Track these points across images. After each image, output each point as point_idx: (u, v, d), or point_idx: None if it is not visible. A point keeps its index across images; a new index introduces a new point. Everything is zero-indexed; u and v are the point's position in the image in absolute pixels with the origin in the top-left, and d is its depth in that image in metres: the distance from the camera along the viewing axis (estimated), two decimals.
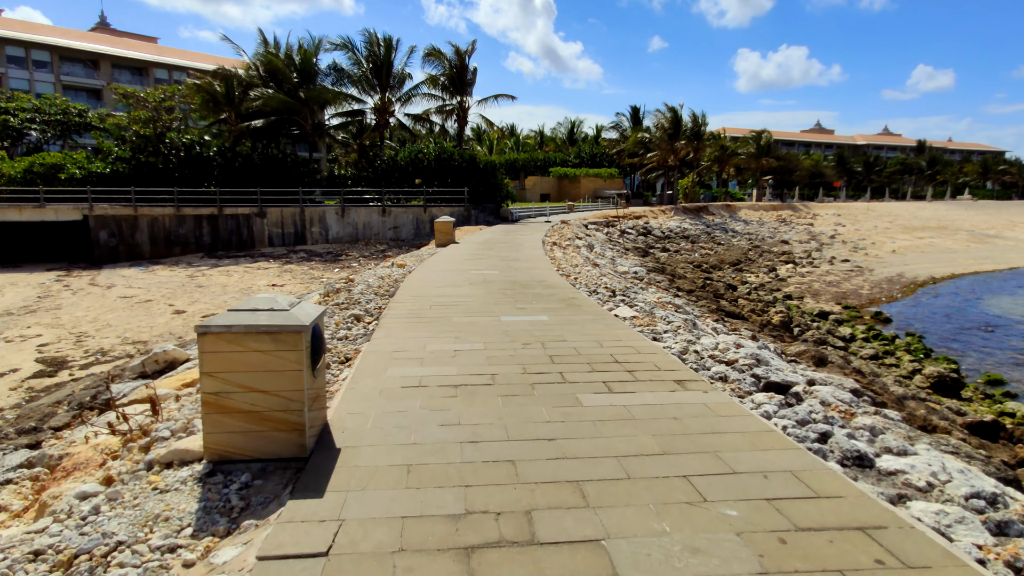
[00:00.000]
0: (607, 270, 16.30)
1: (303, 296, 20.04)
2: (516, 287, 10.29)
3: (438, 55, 34.25)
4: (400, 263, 13.08)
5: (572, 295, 9.53)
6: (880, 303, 25.61)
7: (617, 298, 9.79)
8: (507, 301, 8.90)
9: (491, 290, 9.95)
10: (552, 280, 11.26)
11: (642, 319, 7.96)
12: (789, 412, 4.50)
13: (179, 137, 30.73)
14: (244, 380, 3.52)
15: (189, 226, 30.01)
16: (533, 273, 12.17)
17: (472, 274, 11.91)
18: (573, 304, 8.71)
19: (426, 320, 7.54)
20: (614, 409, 4.38)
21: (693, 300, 17.13)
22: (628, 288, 11.86)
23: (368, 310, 8.36)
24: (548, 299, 9.12)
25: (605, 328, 7.14)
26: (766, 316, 18.75)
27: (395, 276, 11.62)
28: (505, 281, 10.97)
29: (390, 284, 10.68)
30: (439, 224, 18.81)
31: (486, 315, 7.90)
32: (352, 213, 30.92)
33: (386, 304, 8.76)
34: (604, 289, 10.62)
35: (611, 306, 8.87)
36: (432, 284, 10.63)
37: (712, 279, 26.63)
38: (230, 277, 24.77)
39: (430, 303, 8.74)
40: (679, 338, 7.05)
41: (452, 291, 9.83)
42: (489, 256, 15.44)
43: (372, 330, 7.10)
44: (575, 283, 11.21)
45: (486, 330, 6.97)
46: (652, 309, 9.12)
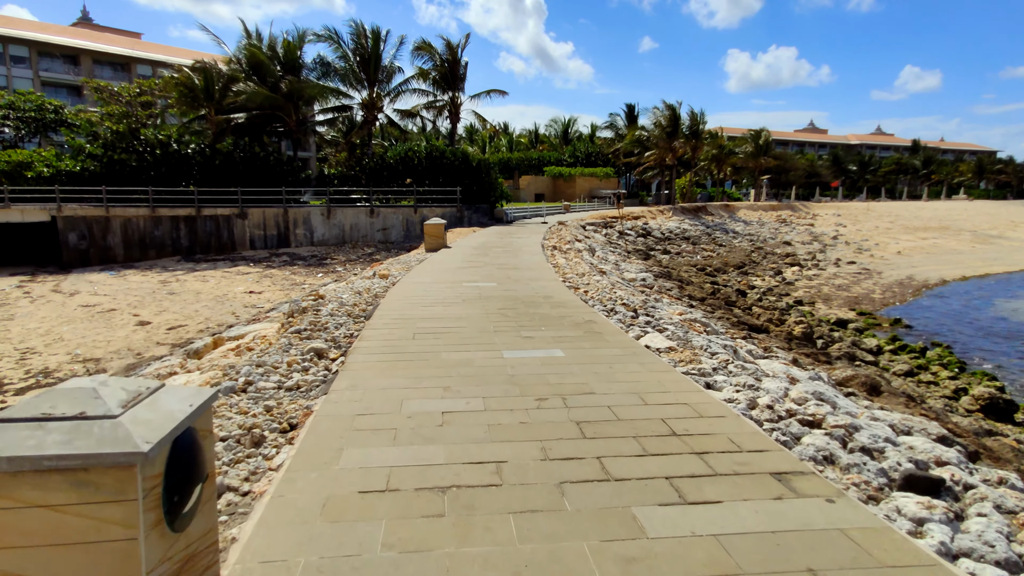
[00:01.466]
0: (614, 278, 14.58)
1: (277, 305, 18.22)
2: (518, 305, 8.53)
3: (429, 49, 32.37)
4: (383, 272, 11.30)
5: (587, 316, 7.80)
6: (894, 307, 24.15)
7: (640, 319, 8.06)
8: (509, 326, 7.14)
9: (489, 309, 8.19)
10: (559, 294, 9.51)
11: (681, 352, 6.23)
12: (969, 541, 2.80)
13: (155, 133, 28.73)
14: (13, 566, 1.75)
15: (165, 228, 28.03)
16: (536, 285, 10.41)
17: (466, 287, 10.14)
18: (591, 330, 6.97)
19: (407, 358, 5.76)
20: (701, 547, 2.64)
21: (709, 311, 15.46)
22: (646, 302, 10.14)
23: (335, 340, 6.58)
24: (559, 322, 7.37)
25: (640, 369, 5.41)
26: (785, 326, 17.12)
27: (375, 290, 9.82)
28: (505, 297, 9.21)
29: (368, 301, 8.90)
30: (429, 227, 17.02)
31: (484, 348, 6.13)
32: (339, 214, 29.04)
33: (360, 330, 6.99)
34: (622, 306, 8.88)
35: (637, 332, 7.14)
36: (418, 301, 8.86)
37: (718, 283, 25.09)
38: (206, 283, 22.86)
39: (414, 329, 6.97)
40: (736, 381, 5.33)
41: (442, 311, 8.06)
42: (484, 263, 13.68)
43: (335, 373, 5.33)
44: (586, 297, 9.47)
45: (485, 374, 5.21)
46: (686, 334, 7.39)
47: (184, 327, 16.58)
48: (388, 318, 7.62)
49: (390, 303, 8.68)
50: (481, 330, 6.94)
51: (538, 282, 10.80)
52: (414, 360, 5.67)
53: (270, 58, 30.80)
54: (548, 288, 10.15)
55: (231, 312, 18.28)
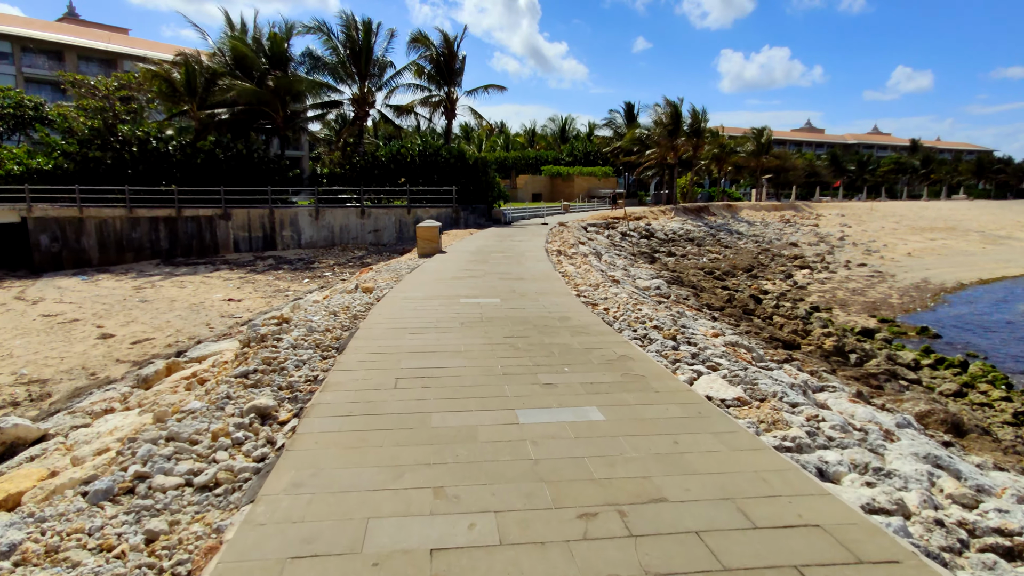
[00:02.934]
0: (629, 287, 12.91)
1: (254, 318, 16.46)
2: (530, 330, 6.84)
3: (424, 41, 30.56)
4: (367, 285, 9.57)
5: (617, 346, 6.11)
6: (915, 313, 22.64)
7: (682, 348, 6.38)
8: (522, 365, 5.45)
9: (493, 337, 6.48)
10: (577, 314, 7.82)
11: (756, 407, 4.57)
12: None
13: (132, 129, 26.84)
14: None
15: (143, 229, 26.18)
16: (547, 302, 8.72)
17: (464, 305, 8.43)
18: (630, 371, 5.28)
19: (383, 423, 4.06)
20: None
21: (734, 323, 13.81)
22: (675, 320, 8.47)
23: (292, 387, 4.88)
24: (585, 358, 5.68)
25: (718, 444, 3.73)
26: (812, 338, 15.51)
27: (355, 309, 8.10)
28: (512, 318, 7.51)
29: (344, 324, 7.19)
30: (422, 230, 15.29)
31: (491, 403, 4.44)
32: (327, 215, 27.24)
33: (327, 371, 5.29)
34: (654, 329, 7.21)
35: (688, 372, 5.45)
36: (406, 325, 7.14)
37: (729, 287, 23.52)
38: (182, 289, 21.05)
39: (397, 370, 5.26)
40: (851, 458, 3.68)
41: (435, 341, 6.35)
42: (484, 272, 11.97)
43: (279, 450, 3.63)
44: (608, 317, 7.80)
45: (496, 458, 3.51)
46: (745, 372, 5.72)
47: (150, 341, 14.80)
48: (366, 351, 5.91)
49: (371, 328, 6.96)
50: (486, 371, 5.24)
51: (548, 297, 9.10)
52: (393, 428, 3.96)
53: (256, 51, 28.92)
54: (562, 305, 8.45)
55: (205, 323, 16.50)
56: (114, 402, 8.23)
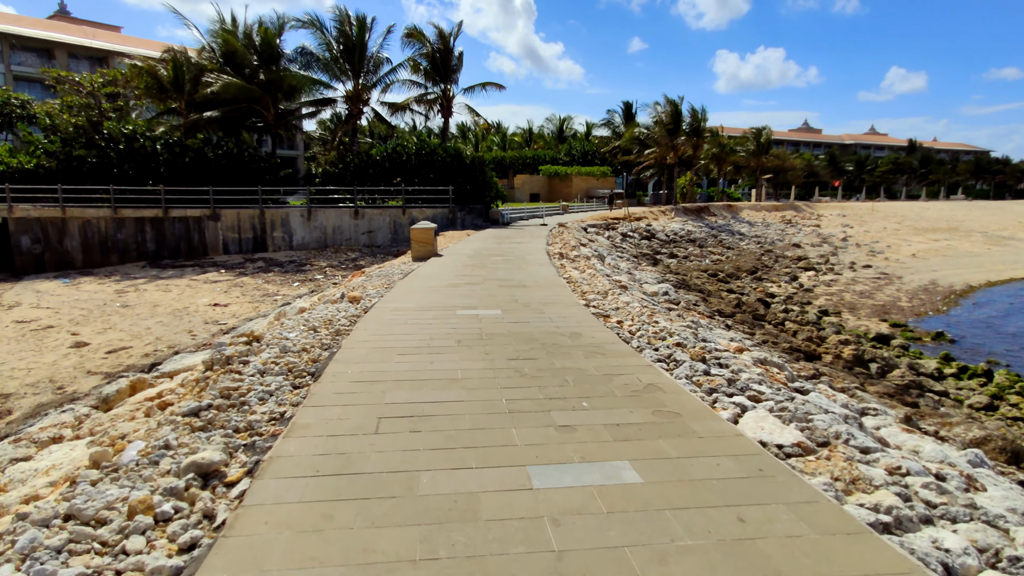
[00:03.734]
0: (638, 294, 11.98)
1: (239, 325, 15.46)
2: (538, 350, 5.90)
3: (419, 37, 29.56)
4: (354, 294, 8.62)
5: (641, 371, 5.18)
6: (927, 317, 21.82)
7: (714, 372, 5.46)
8: (531, 399, 4.51)
9: (496, 360, 5.54)
10: (589, 328, 6.88)
11: (825, 458, 3.65)
12: None
13: (118, 127, 25.78)
14: None
15: (129, 230, 25.13)
16: (554, 313, 7.78)
17: (461, 318, 7.49)
18: (661, 406, 4.35)
19: (358, 489, 3.11)
20: None
21: (748, 332, 12.91)
22: (696, 332, 7.55)
23: (251, 429, 3.94)
24: (606, 388, 4.75)
25: (794, 521, 2.80)
26: (827, 345, 14.62)
27: (339, 322, 7.15)
28: (516, 335, 6.57)
29: (325, 343, 6.23)
30: (417, 232, 14.32)
31: (495, 459, 3.50)
32: (320, 216, 26.24)
33: (297, 405, 4.34)
34: (676, 347, 6.28)
35: (730, 408, 4.52)
36: (395, 343, 6.19)
37: (734, 291, 22.66)
38: (167, 293, 20.05)
39: (380, 408, 4.31)
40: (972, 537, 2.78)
41: (427, 365, 5.41)
42: (483, 279, 11.02)
43: (218, 529, 2.69)
44: (621, 330, 6.87)
45: (506, 556, 2.55)
46: (792, 402, 4.80)
47: (127, 350, 13.81)
48: (346, 378, 4.96)
49: (355, 347, 6.01)
50: (488, 407, 4.30)
51: (555, 307, 8.17)
52: (370, 497, 3.02)
53: (246, 47, 27.89)
54: (570, 317, 7.52)
55: (188, 330, 15.51)
56: (66, 428, 7.27)
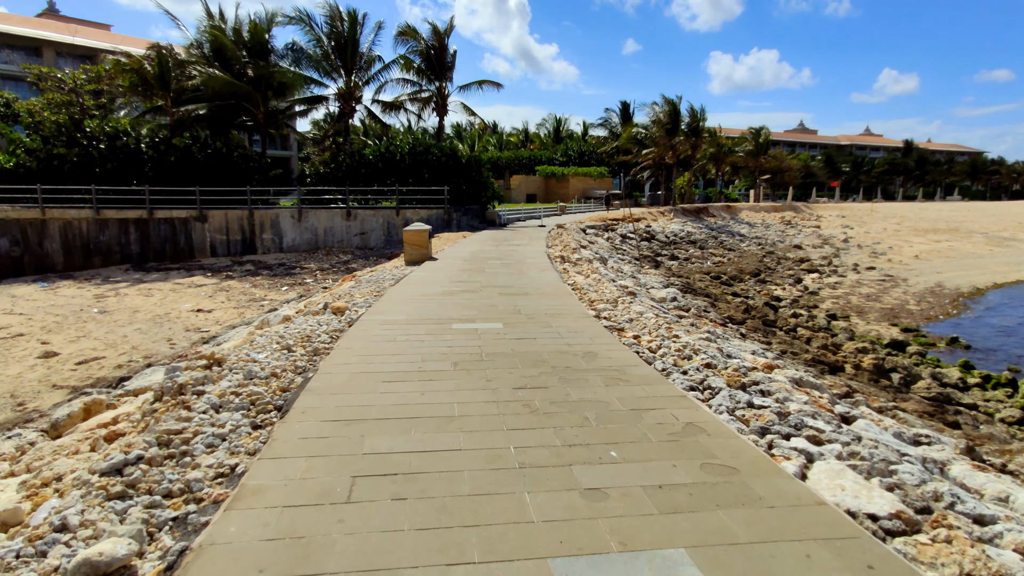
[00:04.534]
0: (647, 300, 11.10)
1: (220, 334, 14.48)
2: (549, 375, 5.00)
3: (413, 34, 28.64)
4: (338, 304, 7.69)
5: (673, 405, 4.30)
6: (937, 320, 21.04)
7: (756, 401, 4.58)
8: (545, 445, 3.61)
9: (499, 391, 4.64)
10: (604, 346, 5.99)
11: (941, 545, 2.78)
12: None
13: (101, 125, 24.75)
14: None
15: (112, 232, 24.10)
16: (562, 327, 6.88)
17: (458, 333, 6.58)
18: (708, 456, 3.47)
19: None
20: None
21: (764, 342, 12.05)
22: (718, 345, 6.67)
23: (188, 492, 3.03)
24: (635, 429, 3.86)
25: None
26: (844, 353, 13.80)
27: (319, 339, 6.23)
28: (522, 354, 5.66)
29: (299, 366, 5.32)
30: (410, 234, 13.40)
31: (503, 546, 2.58)
32: (311, 217, 25.26)
33: (253, 456, 3.44)
34: (706, 367, 5.41)
35: (789, 453, 3.65)
36: (380, 366, 5.29)
37: (739, 294, 21.87)
38: (149, 298, 19.05)
39: (356, 462, 3.40)
40: None
41: (416, 398, 4.50)
42: (482, 285, 10.11)
43: None
44: (639, 346, 5.99)
45: None
46: (866, 448, 3.93)
47: (99, 361, 12.83)
48: (317, 416, 4.06)
49: (333, 372, 5.10)
50: (491, 460, 3.40)
51: (562, 319, 7.27)
52: None
53: (235, 43, 26.90)
54: (581, 331, 6.62)
55: (167, 338, 14.53)
56: (3, 460, 6.33)
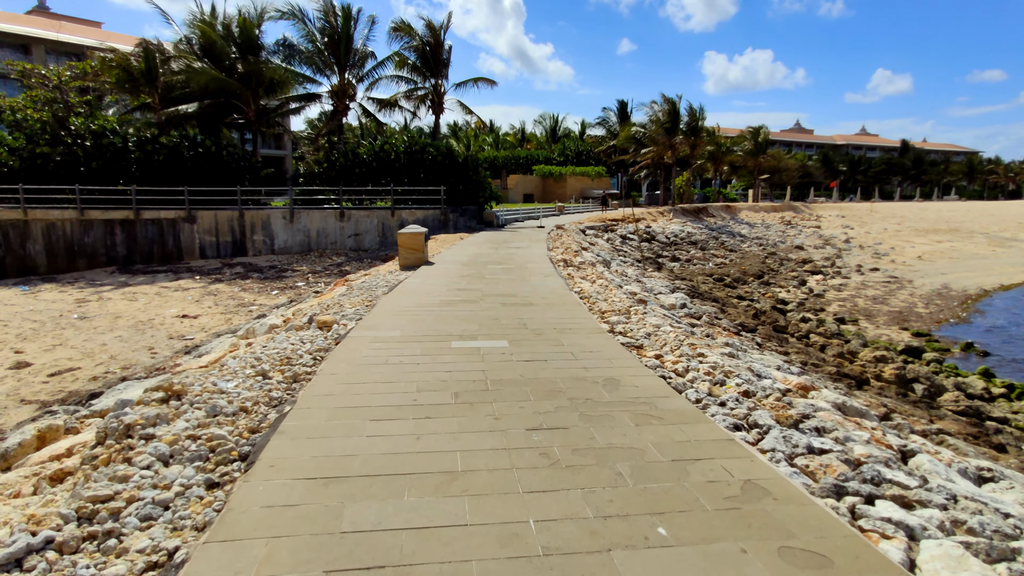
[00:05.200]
0: (656, 308, 10.36)
1: (203, 343, 13.66)
2: (566, 411, 4.24)
3: (407, 30, 27.81)
4: (325, 318, 6.91)
5: (722, 452, 3.54)
6: (949, 325, 20.38)
7: (815, 444, 3.84)
8: (571, 516, 2.85)
9: (510, 433, 3.87)
10: (625, 370, 5.23)
11: None
12: None
13: (86, 123, 23.84)
14: None
15: (97, 233, 23.19)
16: (575, 344, 6.12)
17: (458, 354, 5.80)
18: (782, 534, 2.71)
19: None
20: None
21: (781, 351, 11.32)
22: (743, 360, 5.94)
23: None
24: (680, 491, 3.10)
25: None
26: (861, 361, 13.09)
27: (300, 361, 5.44)
28: (534, 384, 4.89)
29: (274, 398, 4.53)
30: (405, 237, 12.62)
31: None
32: (303, 217, 24.42)
33: (201, 532, 2.67)
34: (744, 396, 4.66)
35: (890, 532, 2.90)
36: (369, 400, 4.51)
37: (744, 297, 21.19)
38: (133, 302, 18.18)
39: (331, 546, 2.61)
40: None
41: (409, 444, 3.72)
42: (482, 293, 9.34)
43: None
44: (664, 369, 5.24)
45: None
46: (974, 518, 3.21)
47: (74, 372, 11.98)
48: (289, 470, 3.28)
49: (313, 405, 4.32)
50: (507, 542, 2.62)
51: (574, 335, 6.51)
52: None
53: (224, 38, 26.02)
54: (596, 350, 5.86)
55: (148, 347, 13.69)
56: None
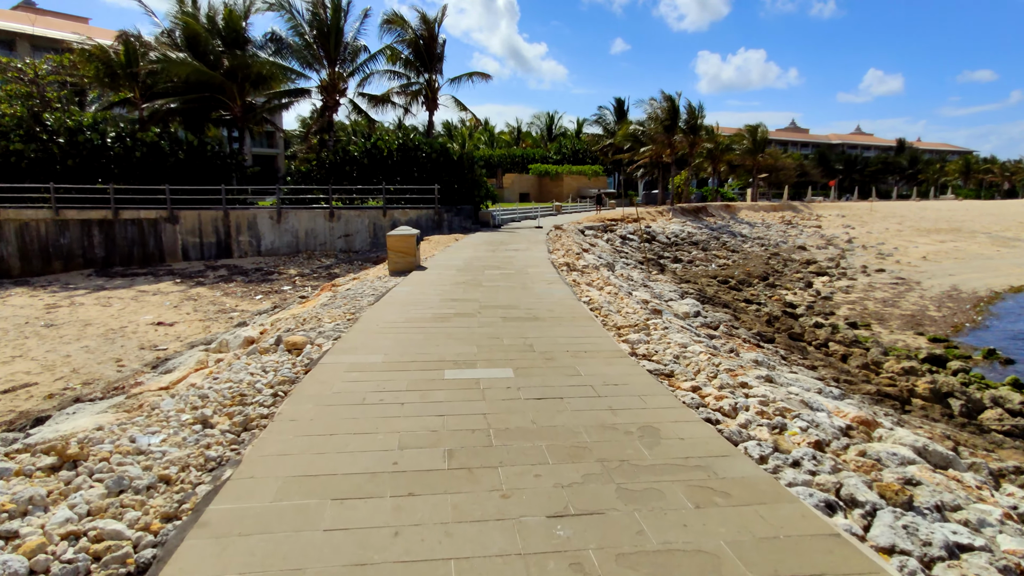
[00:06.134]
0: (676, 320, 9.30)
1: (176, 355, 12.51)
2: (598, 481, 3.16)
3: (400, 23, 26.65)
4: (295, 339, 5.80)
5: (826, 556, 2.50)
6: (965, 330, 19.42)
7: (945, 537, 2.79)
8: None
9: (526, 527, 2.78)
10: (662, 414, 4.16)
11: None
12: None
13: (62, 118, 22.58)
14: None
15: (74, 234, 21.95)
16: (594, 374, 5.04)
17: (452, 386, 4.71)
18: None
19: None
20: None
21: (808, 364, 10.29)
22: (815, 412, 4.90)
23: None
24: None
25: None
26: (887, 374, 12.08)
27: (257, 399, 4.33)
28: (549, 434, 3.81)
29: (210, 457, 3.43)
30: (395, 240, 11.51)
31: None
32: (291, 217, 23.24)
33: None
34: (823, 454, 3.62)
35: None
36: (335, 464, 3.41)
37: (750, 300, 20.20)
38: (105, 308, 16.98)
39: None
40: None
41: (384, 539, 2.62)
42: (479, 304, 8.25)
43: None
44: (707, 407, 4.20)
45: None
46: None
47: (29, 388, 10.79)
48: None
49: (258, 473, 3.23)
50: None
51: (591, 361, 5.43)
52: None
53: (209, 31, 24.78)
54: (621, 382, 4.78)
55: (116, 358, 12.51)
56: None
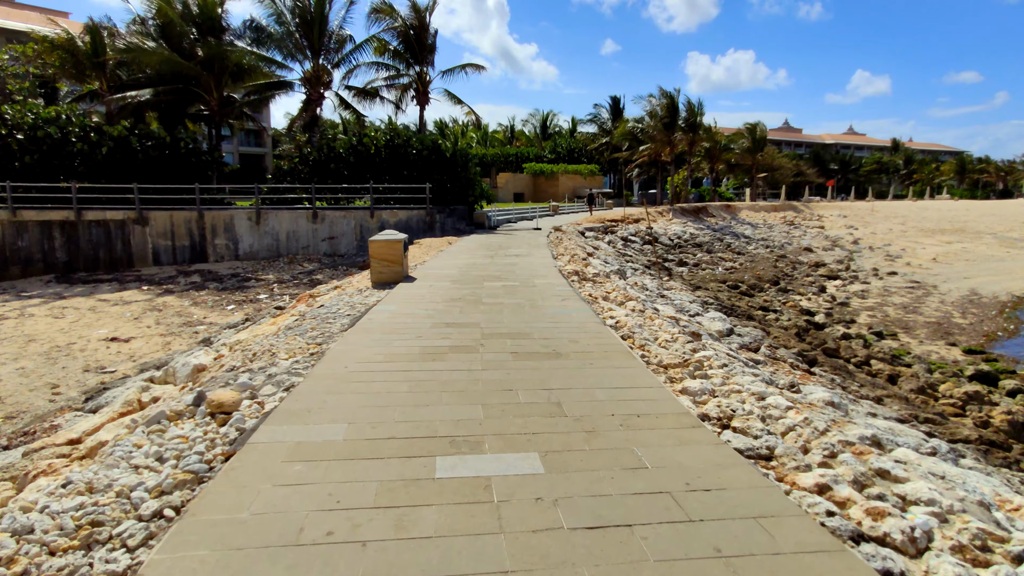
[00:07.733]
0: (721, 347, 7.59)
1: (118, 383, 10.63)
2: None
3: (389, 12, 24.79)
4: (225, 396, 4.02)
5: None
6: (997, 339, 17.87)
7: None
8: None
9: None
10: (804, 561, 2.47)
11: None
12: None
13: (21, 111, 20.58)
14: None
15: (33, 237, 19.95)
16: (659, 460, 3.32)
17: (446, 492, 2.96)
18: None
19: None
20: None
21: (874, 398, 8.63)
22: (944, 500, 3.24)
23: None
24: None
25: None
26: (945, 401, 10.44)
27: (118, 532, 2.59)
28: None
29: None
30: (378, 246, 9.70)
31: None
32: (272, 219, 21.34)
33: None
34: None
35: None
36: None
37: (765, 307, 18.59)
38: (57, 321, 15.04)
39: None
40: None
41: None
42: (482, 332, 6.47)
43: None
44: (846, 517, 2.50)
45: None
46: None
47: None
48: None
49: None
50: None
51: (650, 432, 3.70)
52: None
53: (183, 17, 22.83)
54: (704, 474, 3.07)
55: (52, 384, 10.62)
56: None
